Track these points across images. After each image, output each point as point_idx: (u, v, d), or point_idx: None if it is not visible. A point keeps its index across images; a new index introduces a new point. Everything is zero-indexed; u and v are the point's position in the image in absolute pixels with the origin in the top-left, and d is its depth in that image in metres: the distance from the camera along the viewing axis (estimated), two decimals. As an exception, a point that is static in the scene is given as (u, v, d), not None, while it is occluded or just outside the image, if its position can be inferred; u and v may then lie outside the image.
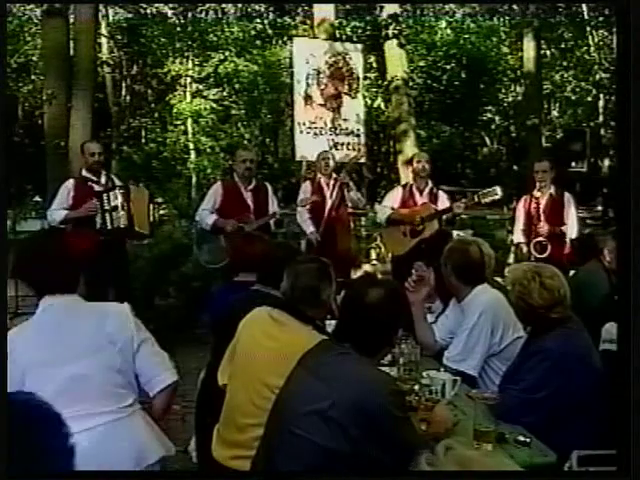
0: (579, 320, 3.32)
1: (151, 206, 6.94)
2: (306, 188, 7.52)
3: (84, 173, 6.72)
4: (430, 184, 7.31)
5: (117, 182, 6.94)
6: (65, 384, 2.63)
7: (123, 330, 2.82)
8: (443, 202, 7.23)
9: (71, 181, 6.74)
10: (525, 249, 7.46)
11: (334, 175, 7.48)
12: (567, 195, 7.45)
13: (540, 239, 7.19)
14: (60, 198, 6.59)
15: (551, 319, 3.24)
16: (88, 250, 6.50)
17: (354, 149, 8.40)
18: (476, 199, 6.86)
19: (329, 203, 7.34)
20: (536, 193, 7.40)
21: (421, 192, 7.25)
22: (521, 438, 2.84)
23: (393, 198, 7.40)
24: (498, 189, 6.78)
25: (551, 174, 7.38)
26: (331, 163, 7.56)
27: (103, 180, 6.72)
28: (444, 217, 7.05)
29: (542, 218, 7.26)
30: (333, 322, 3.21)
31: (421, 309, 4.14)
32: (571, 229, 7.20)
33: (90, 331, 2.78)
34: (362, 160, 9.77)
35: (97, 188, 6.63)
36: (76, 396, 2.62)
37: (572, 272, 6.01)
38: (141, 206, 6.77)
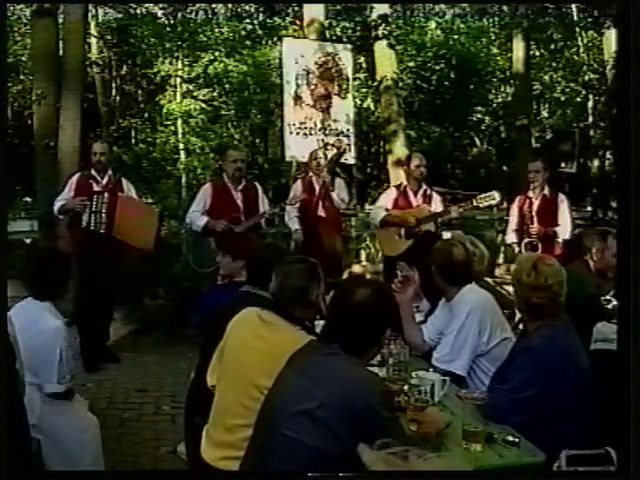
0: (567, 319, 3.34)
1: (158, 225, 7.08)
2: (297, 187, 7.52)
3: (92, 171, 6.93)
4: (424, 185, 7.27)
5: (125, 184, 7.10)
6: None
7: None
8: (437, 203, 7.20)
9: (77, 175, 7.04)
10: (517, 249, 7.46)
11: (323, 174, 7.47)
12: (561, 196, 7.44)
13: (531, 239, 7.19)
14: (65, 190, 6.88)
15: (535, 304, 3.31)
16: (77, 246, 6.64)
17: (339, 148, 8.40)
18: (474, 203, 6.80)
19: (315, 201, 7.33)
20: (529, 193, 7.38)
21: (415, 193, 7.21)
22: (510, 438, 2.85)
23: (387, 199, 7.37)
24: (496, 194, 6.70)
25: (544, 174, 7.35)
26: (322, 162, 7.56)
27: (105, 180, 6.89)
28: (439, 219, 7.01)
29: (535, 218, 7.25)
30: (322, 322, 3.22)
31: (409, 309, 4.16)
32: (564, 230, 7.18)
33: None
34: (347, 158, 9.71)
35: (96, 187, 6.81)
36: None
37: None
38: (144, 221, 6.94)
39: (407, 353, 3.55)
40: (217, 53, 18.27)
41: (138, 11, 20.22)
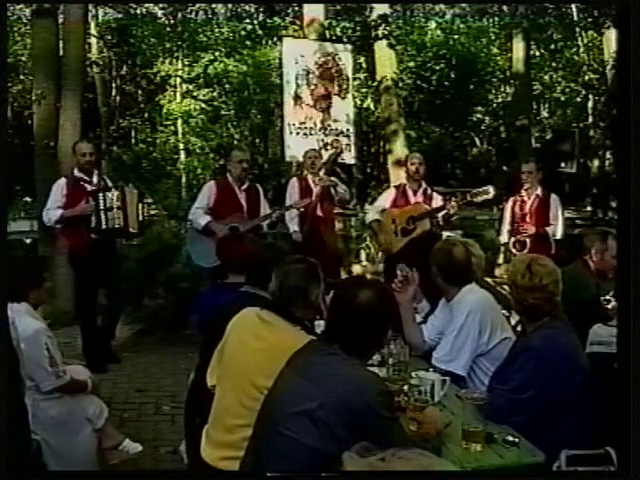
0: (566, 320, 3.34)
1: (140, 205, 6.97)
2: (293, 185, 7.52)
3: (76, 173, 6.78)
4: (424, 185, 7.28)
5: (109, 183, 7.02)
6: None
7: None
8: (437, 203, 7.21)
9: (63, 180, 6.81)
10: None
11: (321, 173, 7.47)
12: (553, 196, 7.54)
13: (519, 237, 7.30)
14: (54, 197, 6.67)
15: (531, 305, 3.31)
16: (79, 249, 6.62)
17: (336, 148, 8.41)
18: (468, 198, 6.84)
19: (313, 202, 7.32)
20: (523, 194, 7.49)
21: (415, 193, 7.22)
22: (510, 438, 2.84)
23: (386, 199, 7.39)
24: (491, 188, 6.76)
25: (537, 175, 7.49)
26: (317, 161, 7.57)
27: (95, 180, 6.81)
28: (439, 217, 7.02)
29: (527, 218, 7.34)
30: (322, 322, 3.21)
31: (409, 309, 4.16)
32: (557, 230, 7.29)
33: None
34: (343, 158, 9.71)
35: (89, 188, 6.71)
36: None
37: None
38: (132, 206, 6.82)
39: (407, 353, 3.55)
40: (217, 53, 18.22)
41: (138, 11, 20.20)
